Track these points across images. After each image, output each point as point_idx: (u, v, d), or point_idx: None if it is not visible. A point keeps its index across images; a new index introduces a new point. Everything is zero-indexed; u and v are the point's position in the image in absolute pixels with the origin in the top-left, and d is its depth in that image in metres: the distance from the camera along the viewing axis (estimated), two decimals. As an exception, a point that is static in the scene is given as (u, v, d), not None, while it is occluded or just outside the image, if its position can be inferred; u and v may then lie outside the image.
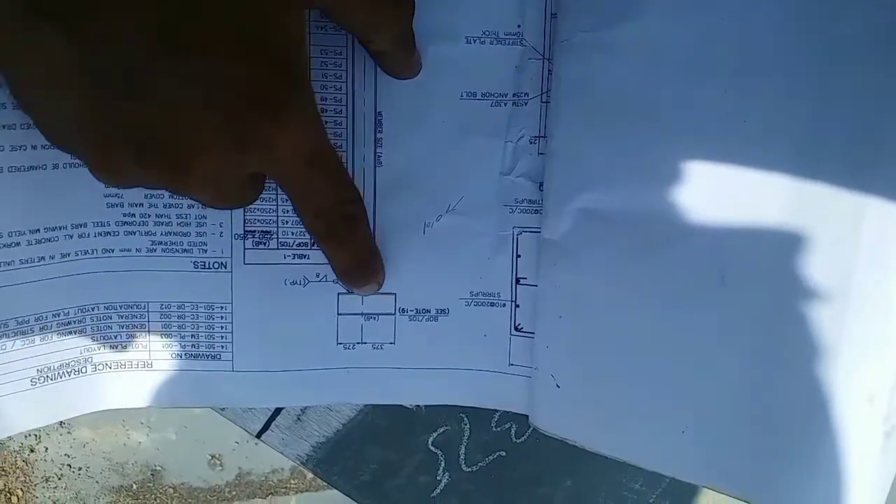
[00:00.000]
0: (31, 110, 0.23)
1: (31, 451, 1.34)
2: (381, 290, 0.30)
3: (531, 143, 0.30)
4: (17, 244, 0.26)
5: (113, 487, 1.36)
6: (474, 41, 0.29)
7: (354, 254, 0.28)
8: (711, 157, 0.26)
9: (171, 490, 1.37)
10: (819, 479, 0.26)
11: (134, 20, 0.20)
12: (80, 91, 0.21)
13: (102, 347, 0.29)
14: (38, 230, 0.27)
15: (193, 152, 0.22)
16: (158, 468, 1.36)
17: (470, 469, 0.35)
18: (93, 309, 0.29)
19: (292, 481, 1.38)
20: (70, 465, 1.35)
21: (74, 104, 0.21)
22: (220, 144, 0.22)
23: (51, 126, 0.23)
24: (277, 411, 0.34)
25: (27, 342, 0.27)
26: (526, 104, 0.29)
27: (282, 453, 0.34)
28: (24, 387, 0.28)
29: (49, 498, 1.35)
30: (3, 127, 0.25)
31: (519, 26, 0.29)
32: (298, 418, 0.34)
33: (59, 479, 1.35)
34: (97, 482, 1.36)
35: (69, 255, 0.28)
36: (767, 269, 0.26)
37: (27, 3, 0.19)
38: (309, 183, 0.25)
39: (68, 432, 1.33)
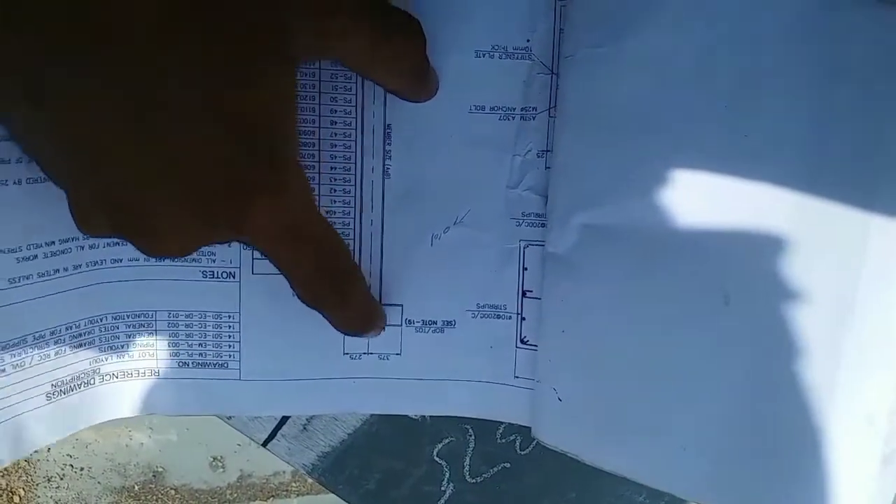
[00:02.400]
0: (24, 150, 0.24)
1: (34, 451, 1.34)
2: (388, 302, 0.31)
3: (539, 156, 0.30)
4: (35, 257, 0.26)
5: (115, 488, 1.36)
6: (484, 55, 0.29)
7: (347, 318, 0.28)
8: (715, 173, 0.26)
9: (173, 491, 1.37)
10: (817, 500, 0.26)
11: (105, 96, 0.19)
12: (56, 150, 0.21)
13: (110, 357, 0.29)
14: (54, 242, 0.27)
15: (162, 229, 0.22)
16: (160, 469, 1.37)
17: (474, 480, 0.35)
18: (101, 319, 0.29)
19: (294, 484, 1.38)
20: (72, 466, 1.36)
21: (56, 160, 0.21)
22: (189, 224, 0.22)
23: (42, 168, 0.23)
24: (283, 420, 0.34)
25: (43, 357, 0.27)
26: (534, 118, 0.29)
27: (287, 462, 0.34)
28: (41, 402, 0.28)
29: (51, 498, 1.35)
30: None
31: (528, 41, 0.29)
32: (304, 427, 0.34)
33: (62, 479, 1.36)
34: (99, 482, 1.36)
35: (80, 266, 0.28)
36: (770, 287, 0.26)
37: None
38: (288, 258, 0.24)
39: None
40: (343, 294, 0.27)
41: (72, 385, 0.28)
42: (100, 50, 0.19)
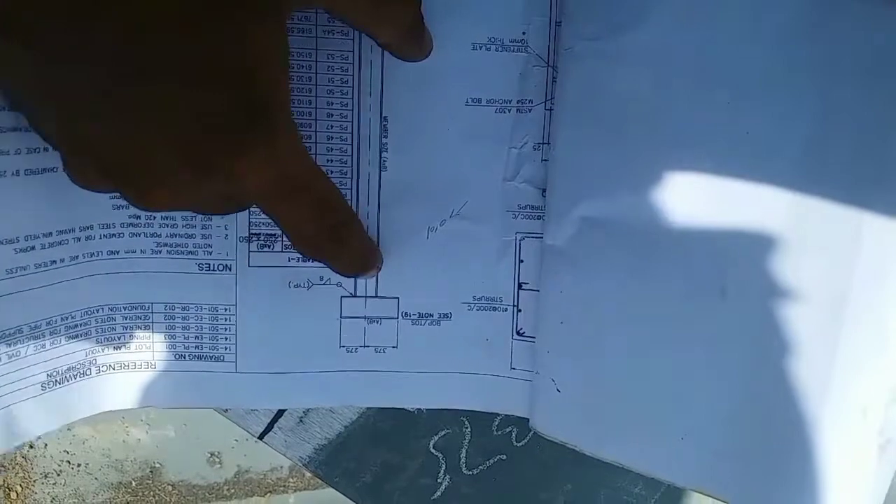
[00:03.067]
0: (18, 110, 0.24)
1: (31, 447, 1.34)
2: (384, 294, 0.31)
3: (535, 149, 0.30)
4: (33, 248, 0.26)
5: (112, 484, 1.36)
6: (480, 48, 0.29)
7: (348, 263, 0.28)
8: (713, 169, 0.26)
9: (170, 487, 1.37)
10: (813, 490, 0.26)
11: (91, 43, 0.20)
12: (50, 104, 0.21)
13: (106, 349, 0.29)
14: (51, 233, 0.27)
15: (150, 180, 0.22)
16: (157, 465, 1.36)
17: (471, 472, 0.35)
18: (97, 311, 0.29)
19: (291, 480, 1.38)
20: (69, 462, 1.36)
21: (47, 114, 0.22)
22: (176, 174, 0.22)
23: (33, 124, 0.23)
24: (280, 413, 0.34)
25: (39, 347, 0.27)
26: (530, 111, 0.29)
27: (284, 455, 0.34)
28: (35, 392, 0.28)
29: (48, 494, 1.35)
30: (20, 129, 0.25)
31: (524, 34, 0.29)
32: (301, 420, 0.34)
33: (59, 475, 1.35)
34: (96, 479, 1.36)
35: (77, 257, 0.28)
36: (767, 282, 0.26)
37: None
38: (286, 211, 0.24)
39: (68, 429, 1.33)
40: (342, 242, 0.27)
41: (67, 376, 0.28)
42: (86, 13, 0.19)
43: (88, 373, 0.29)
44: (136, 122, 0.21)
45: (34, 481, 1.35)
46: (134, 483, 1.36)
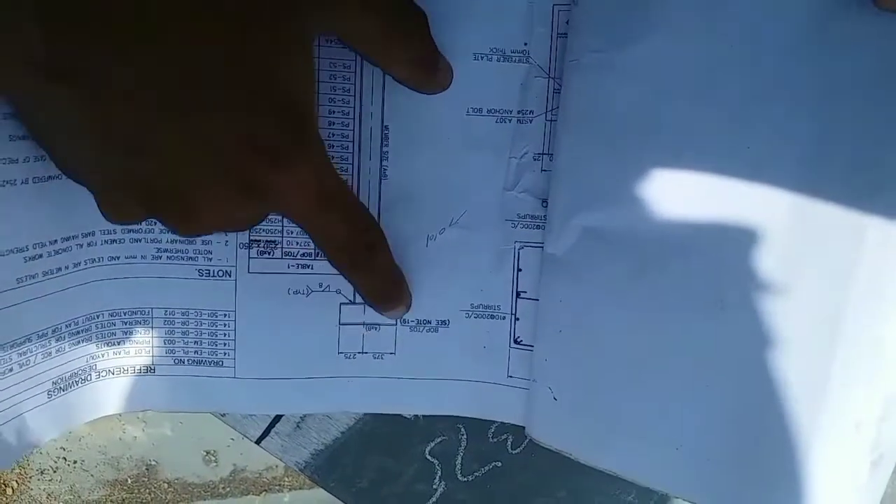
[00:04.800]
0: (45, 149, 0.24)
1: (27, 443, 1.34)
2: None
3: (535, 159, 0.30)
4: (40, 256, 0.27)
5: (108, 481, 1.36)
6: (482, 58, 0.29)
7: (379, 279, 0.29)
8: (713, 181, 0.26)
9: (166, 485, 1.37)
10: (807, 503, 0.26)
11: (138, 83, 0.20)
12: (89, 144, 0.22)
13: (106, 354, 0.30)
14: (56, 241, 0.27)
15: (198, 207, 0.23)
16: (153, 463, 1.37)
17: (466, 479, 0.35)
18: (98, 316, 0.29)
19: (286, 479, 1.38)
20: (65, 459, 1.36)
21: (84, 154, 0.22)
22: (224, 198, 0.23)
23: (63, 165, 0.24)
24: (277, 418, 0.34)
25: (46, 355, 0.27)
26: (531, 121, 0.30)
27: (281, 459, 0.34)
28: (42, 400, 0.28)
29: (44, 490, 1.35)
30: (26, 138, 0.25)
31: (526, 44, 0.29)
32: (298, 426, 0.34)
33: (55, 471, 1.35)
34: (92, 476, 1.36)
35: (80, 264, 0.28)
36: (765, 294, 0.26)
37: (43, 65, 0.20)
38: (324, 223, 0.26)
39: (64, 425, 1.33)
40: (373, 255, 0.28)
41: (70, 382, 0.29)
42: (133, 40, 0.20)
43: (89, 378, 0.29)
44: (183, 152, 0.22)
45: (30, 477, 1.35)
46: (130, 480, 1.36)
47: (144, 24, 0.20)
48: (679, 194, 0.27)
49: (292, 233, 0.30)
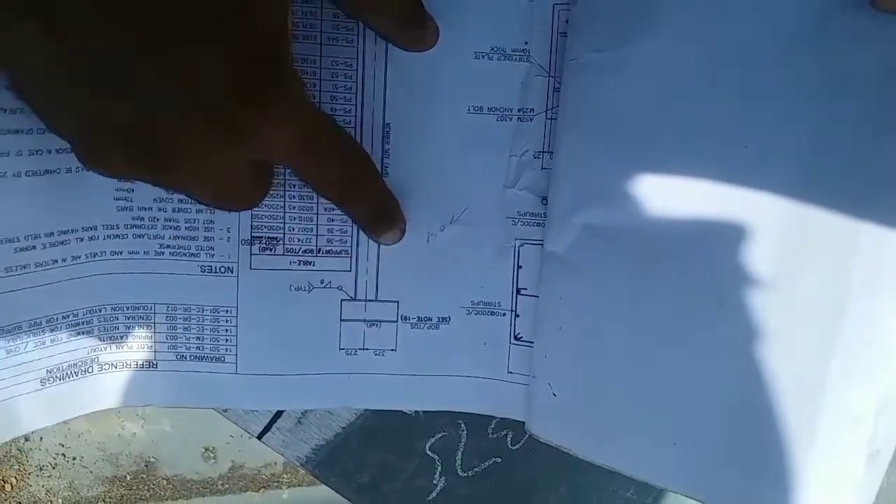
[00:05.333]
0: (29, 103, 0.23)
1: (26, 439, 1.34)
2: (384, 298, 0.31)
3: (535, 157, 0.30)
4: (33, 247, 0.27)
5: (106, 478, 1.37)
6: (482, 56, 0.29)
7: (370, 208, 0.29)
8: (713, 179, 0.26)
9: (165, 482, 1.37)
10: (802, 498, 0.26)
11: (109, 20, 0.20)
12: (68, 88, 0.21)
13: (108, 347, 0.30)
14: (53, 233, 0.27)
15: (177, 151, 0.22)
16: (152, 460, 1.37)
17: (466, 474, 0.35)
18: (100, 310, 0.29)
19: (285, 476, 1.39)
20: (64, 455, 1.36)
21: (64, 100, 0.22)
22: (204, 141, 0.22)
23: (47, 117, 0.23)
24: (278, 414, 0.34)
25: (38, 343, 0.28)
26: (531, 120, 0.30)
27: (282, 455, 0.34)
28: (34, 387, 0.28)
29: (43, 487, 1.35)
30: (21, 132, 0.25)
31: (526, 43, 0.29)
32: (299, 421, 0.34)
33: (54, 468, 1.36)
34: (91, 472, 1.36)
35: (80, 257, 0.28)
36: (763, 291, 0.26)
37: (9, 2, 0.19)
38: (310, 162, 0.25)
39: (63, 422, 1.33)
40: (363, 186, 0.28)
41: (68, 372, 0.29)
42: None
43: (90, 370, 0.29)
44: (160, 92, 0.21)
45: (29, 474, 1.35)
46: (129, 477, 1.37)
47: None
48: (678, 192, 0.27)
49: (294, 229, 0.30)
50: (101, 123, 0.22)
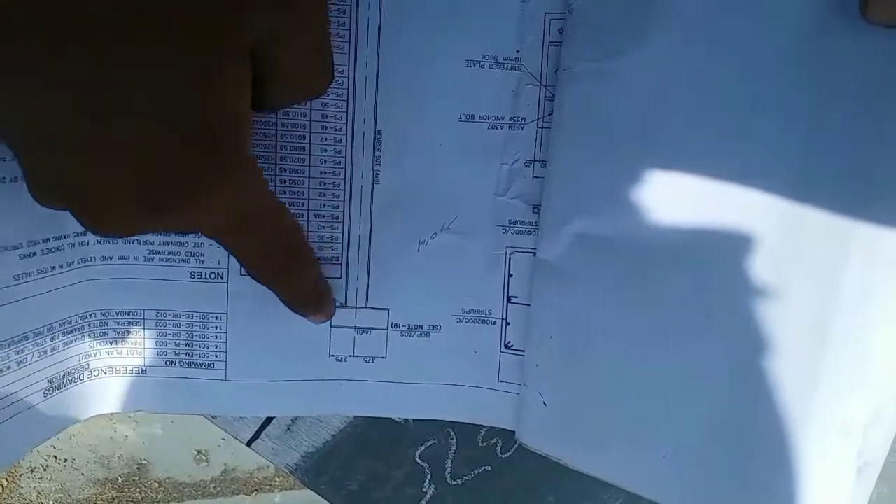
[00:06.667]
0: None
1: (17, 441, 1.33)
2: (374, 306, 0.31)
3: (526, 165, 0.30)
4: (34, 254, 0.27)
5: (98, 480, 1.36)
6: (474, 65, 0.29)
7: (296, 297, 0.29)
8: (704, 190, 0.26)
9: (157, 484, 1.37)
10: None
11: (62, 74, 0.19)
12: (20, 127, 0.21)
13: (98, 353, 0.30)
14: (49, 239, 0.27)
15: (104, 212, 0.22)
16: (144, 462, 1.36)
17: (455, 482, 0.35)
18: (91, 315, 0.29)
19: (277, 479, 1.38)
20: (56, 457, 1.35)
21: (16, 135, 0.21)
22: (132, 213, 0.22)
23: (8, 143, 0.23)
24: (268, 420, 0.34)
25: (42, 353, 0.28)
26: (522, 128, 0.30)
27: (271, 462, 0.34)
28: (39, 399, 0.28)
29: (34, 489, 1.34)
30: None
31: (518, 52, 0.29)
32: (288, 428, 0.34)
33: (45, 470, 1.35)
34: (82, 474, 1.36)
35: (73, 263, 0.28)
36: (752, 305, 0.26)
37: None
38: (238, 246, 0.25)
39: (55, 424, 1.32)
40: (292, 273, 0.27)
41: (64, 381, 0.29)
42: (58, 45, 0.19)
43: (81, 377, 0.29)
44: (94, 160, 0.21)
45: (20, 475, 1.34)
46: (120, 479, 1.36)
47: (72, 20, 0.19)
48: (671, 202, 0.27)
49: (285, 236, 0.30)
50: (41, 168, 0.21)
